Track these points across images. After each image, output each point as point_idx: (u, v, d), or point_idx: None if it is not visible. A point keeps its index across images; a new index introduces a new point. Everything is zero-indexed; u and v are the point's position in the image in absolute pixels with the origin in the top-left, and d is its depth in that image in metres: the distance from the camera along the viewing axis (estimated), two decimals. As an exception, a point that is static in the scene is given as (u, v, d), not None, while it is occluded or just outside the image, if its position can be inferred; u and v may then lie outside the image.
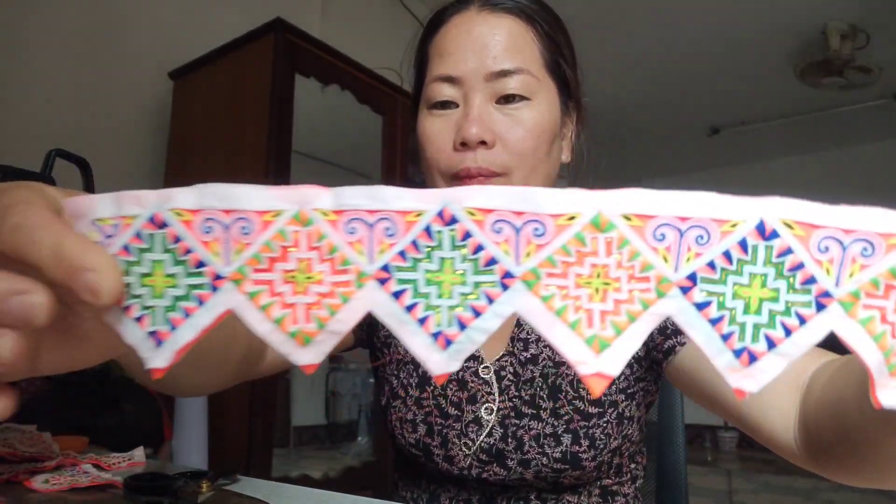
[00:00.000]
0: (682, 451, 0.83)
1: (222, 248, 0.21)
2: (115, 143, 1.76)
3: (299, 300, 0.21)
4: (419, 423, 0.63)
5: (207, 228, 0.21)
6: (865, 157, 5.25)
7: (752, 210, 0.20)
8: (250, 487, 0.59)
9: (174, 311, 0.22)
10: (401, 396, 0.65)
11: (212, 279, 0.21)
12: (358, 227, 0.21)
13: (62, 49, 1.67)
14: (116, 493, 0.58)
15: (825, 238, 0.20)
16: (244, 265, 0.21)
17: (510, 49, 0.56)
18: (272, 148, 1.45)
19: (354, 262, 0.21)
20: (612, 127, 4.79)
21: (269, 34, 1.52)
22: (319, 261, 0.21)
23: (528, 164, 0.56)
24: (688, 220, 0.20)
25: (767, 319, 0.21)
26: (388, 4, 2.86)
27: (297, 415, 1.92)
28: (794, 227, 0.20)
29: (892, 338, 0.20)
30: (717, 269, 0.20)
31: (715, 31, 3.38)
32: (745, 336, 0.21)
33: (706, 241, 0.20)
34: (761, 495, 3.72)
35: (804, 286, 0.20)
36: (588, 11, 3.21)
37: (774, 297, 0.20)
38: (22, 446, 0.71)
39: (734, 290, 0.20)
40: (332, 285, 0.21)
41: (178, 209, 0.21)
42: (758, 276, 0.20)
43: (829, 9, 3.16)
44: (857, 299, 0.20)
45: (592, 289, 0.21)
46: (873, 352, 0.21)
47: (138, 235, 0.22)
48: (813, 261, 0.20)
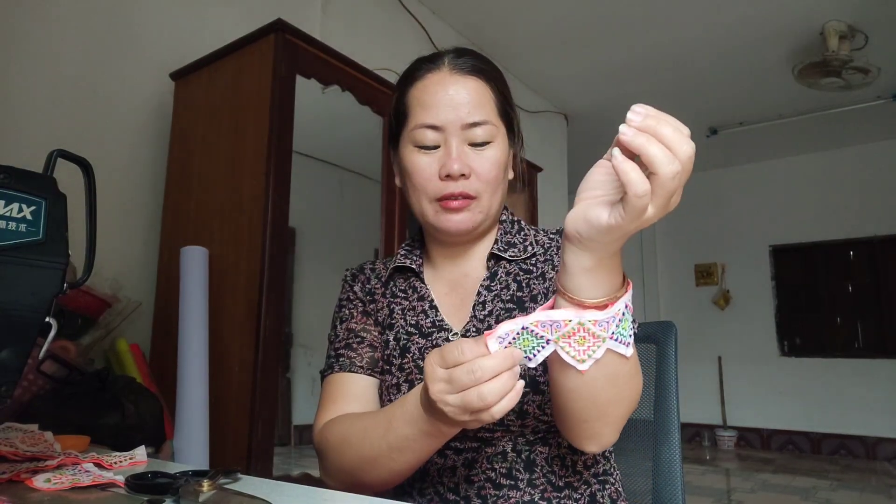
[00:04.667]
0: (677, 450, 0.83)
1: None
2: (116, 143, 1.77)
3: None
4: (402, 384, 0.76)
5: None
6: (863, 157, 5.25)
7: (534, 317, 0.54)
8: (251, 486, 0.60)
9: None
10: (388, 370, 0.78)
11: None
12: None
13: (64, 49, 1.67)
14: (118, 491, 0.58)
15: (542, 325, 0.54)
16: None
17: (477, 105, 0.75)
18: (273, 148, 1.45)
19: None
20: (611, 128, 4.77)
21: (269, 35, 1.52)
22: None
23: (492, 189, 0.77)
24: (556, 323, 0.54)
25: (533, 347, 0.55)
26: (389, 6, 2.87)
27: (298, 414, 1.92)
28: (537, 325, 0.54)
29: (572, 348, 0.54)
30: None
31: (713, 31, 3.38)
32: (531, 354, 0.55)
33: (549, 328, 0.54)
34: (759, 494, 3.73)
35: (540, 339, 0.55)
36: (588, 13, 3.21)
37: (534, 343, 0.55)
38: (24, 445, 0.72)
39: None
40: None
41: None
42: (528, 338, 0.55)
43: (827, 9, 3.16)
44: (558, 341, 0.54)
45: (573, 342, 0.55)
46: (569, 357, 0.55)
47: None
48: (542, 330, 0.54)
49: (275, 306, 1.40)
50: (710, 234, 5.88)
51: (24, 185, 0.52)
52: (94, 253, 0.59)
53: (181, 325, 1.40)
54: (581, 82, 4.00)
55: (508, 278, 0.79)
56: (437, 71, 0.77)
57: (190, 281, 1.44)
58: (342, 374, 0.79)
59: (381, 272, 0.87)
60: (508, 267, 0.80)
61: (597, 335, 0.53)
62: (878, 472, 4.37)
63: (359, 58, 1.75)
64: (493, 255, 0.80)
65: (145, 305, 1.66)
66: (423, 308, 0.80)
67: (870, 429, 4.95)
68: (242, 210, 1.48)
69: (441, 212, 0.75)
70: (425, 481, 0.75)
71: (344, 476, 0.70)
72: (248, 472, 0.64)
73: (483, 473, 0.71)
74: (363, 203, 2.00)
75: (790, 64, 3.64)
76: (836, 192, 5.32)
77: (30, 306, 0.52)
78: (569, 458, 0.73)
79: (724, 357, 5.66)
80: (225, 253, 1.49)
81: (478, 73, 0.77)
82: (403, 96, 0.79)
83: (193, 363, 1.36)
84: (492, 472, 0.71)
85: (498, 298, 0.78)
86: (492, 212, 0.78)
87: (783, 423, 5.34)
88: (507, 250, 0.81)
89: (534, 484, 0.70)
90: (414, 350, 0.77)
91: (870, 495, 3.69)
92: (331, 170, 1.96)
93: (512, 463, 0.71)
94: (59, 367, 1.14)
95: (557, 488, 0.71)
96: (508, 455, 0.71)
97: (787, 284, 5.53)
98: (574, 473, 0.73)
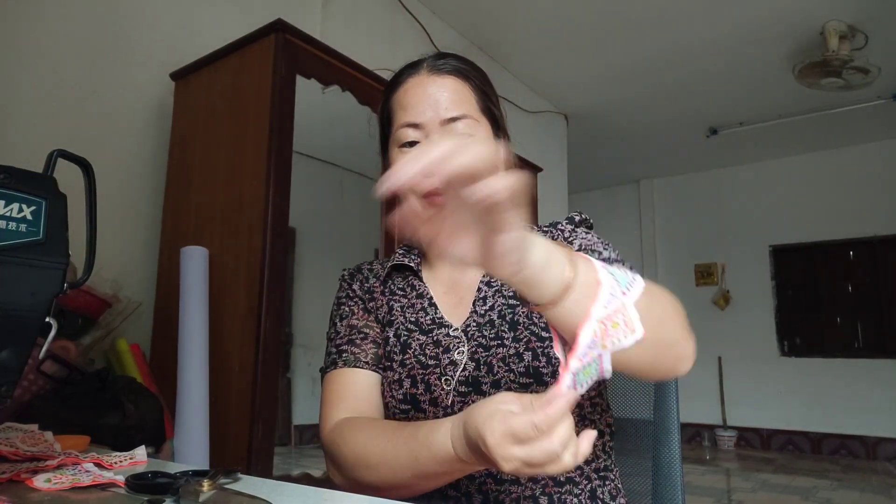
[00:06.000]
0: (677, 450, 0.83)
1: None
2: (116, 143, 1.77)
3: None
4: (404, 380, 0.76)
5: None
6: (863, 157, 5.25)
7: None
8: (251, 486, 0.60)
9: None
10: (389, 366, 0.79)
11: None
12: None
13: (64, 49, 1.67)
14: (118, 491, 0.58)
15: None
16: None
17: (455, 101, 0.77)
18: (273, 148, 1.45)
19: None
20: (611, 128, 4.79)
21: (269, 35, 1.52)
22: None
23: None
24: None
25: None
26: (389, 6, 2.87)
27: (298, 414, 1.92)
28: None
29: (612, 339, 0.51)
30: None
31: (713, 32, 3.38)
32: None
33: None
34: (759, 494, 3.73)
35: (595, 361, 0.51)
36: (588, 13, 3.21)
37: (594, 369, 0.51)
38: (24, 445, 0.72)
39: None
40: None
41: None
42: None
43: (827, 9, 3.16)
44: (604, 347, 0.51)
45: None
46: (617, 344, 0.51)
47: None
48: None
49: (275, 306, 1.40)
50: (710, 234, 5.88)
51: (24, 185, 0.52)
52: (94, 253, 0.59)
53: (181, 325, 1.40)
54: (581, 82, 4.00)
55: None
56: (416, 75, 0.80)
57: (190, 281, 1.44)
58: (346, 370, 0.78)
59: (378, 272, 0.87)
60: None
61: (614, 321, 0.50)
62: (879, 472, 4.37)
63: (359, 58, 1.75)
64: None
65: (145, 305, 1.66)
66: (423, 305, 0.80)
67: (870, 429, 4.94)
68: (242, 210, 1.48)
69: (427, 208, 0.75)
70: None
71: (360, 490, 0.68)
72: (248, 472, 0.64)
73: (484, 468, 0.71)
74: (363, 203, 2.00)
75: (790, 64, 3.64)
76: (836, 192, 5.31)
77: (30, 306, 0.52)
78: None
79: (724, 357, 5.66)
80: (225, 253, 1.49)
81: (456, 73, 0.80)
82: (387, 102, 0.83)
83: (193, 363, 1.36)
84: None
85: (499, 294, 0.78)
86: None
87: (783, 423, 5.34)
88: None
89: (535, 479, 0.71)
90: (415, 346, 0.78)
91: (870, 495, 3.69)
92: (331, 170, 1.96)
93: None
94: (59, 367, 1.14)
95: (559, 483, 0.71)
96: None
97: (787, 284, 5.53)
98: (576, 469, 0.73)
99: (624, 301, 0.50)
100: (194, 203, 1.63)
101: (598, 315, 0.49)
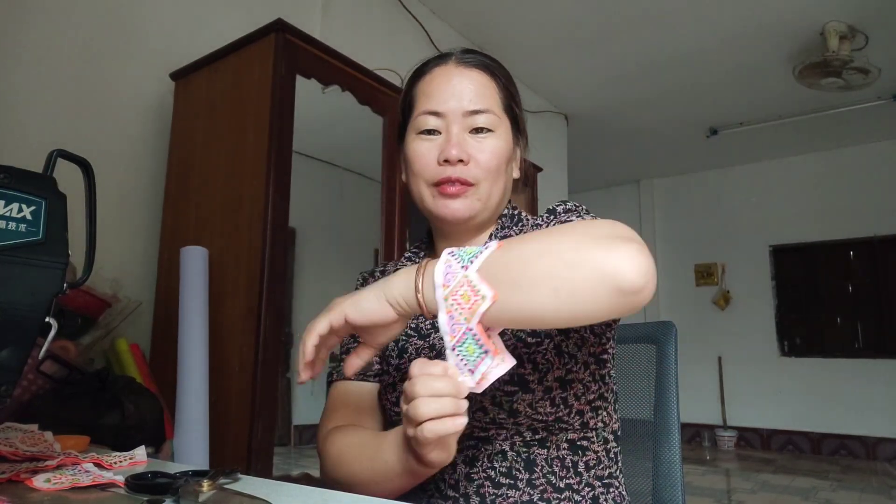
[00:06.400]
0: (677, 450, 0.83)
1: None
2: (116, 143, 1.77)
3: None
4: (398, 384, 0.77)
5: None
6: (863, 157, 5.25)
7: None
8: (251, 486, 0.59)
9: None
10: (386, 370, 0.80)
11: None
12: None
13: (64, 49, 1.67)
14: (118, 491, 0.58)
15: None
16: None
17: (479, 95, 0.77)
18: (273, 148, 1.45)
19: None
20: (611, 128, 4.79)
21: (269, 35, 1.52)
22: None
23: (491, 178, 0.77)
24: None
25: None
26: (389, 6, 2.87)
27: (298, 414, 1.92)
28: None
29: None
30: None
31: (713, 32, 3.38)
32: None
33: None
34: (759, 494, 3.73)
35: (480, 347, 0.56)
36: (589, 13, 3.21)
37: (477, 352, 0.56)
38: (24, 445, 0.72)
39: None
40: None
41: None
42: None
43: (827, 10, 3.16)
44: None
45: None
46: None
47: None
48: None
49: (275, 306, 1.40)
50: (710, 234, 5.88)
51: (24, 185, 0.52)
52: (94, 253, 0.59)
53: (181, 325, 1.40)
54: (581, 82, 4.00)
55: None
56: (443, 65, 0.80)
57: (190, 281, 1.44)
58: (345, 382, 0.81)
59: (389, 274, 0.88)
60: None
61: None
62: (879, 473, 4.37)
63: (359, 58, 1.75)
64: None
65: (145, 305, 1.66)
66: None
67: (870, 429, 4.94)
68: (242, 210, 1.48)
69: (438, 197, 0.76)
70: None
71: (339, 487, 0.72)
72: (248, 472, 0.64)
73: (483, 472, 0.71)
74: (363, 203, 2.00)
75: (790, 64, 3.64)
76: (836, 192, 5.31)
77: (30, 306, 0.52)
78: (569, 460, 0.72)
79: (724, 357, 5.66)
80: (225, 253, 1.49)
81: (483, 68, 0.79)
82: (411, 90, 0.82)
83: (193, 363, 1.36)
84: (491, 470, 0.71)
85: None
86: (491, 202, 0.77)
87: (783, 423, 5.34)
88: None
89: (533, 484, 0.70)
90: (411, 350, 0.78)
91: (870, 495, 3.68)
92: (331, 170, 1.96)
93: (512, 462, 0.71)
94: (59, 367, 1.14)
95: (558, 489, 0.71)
96: (508, 454, 0.71)
97: (787, 284, 5.53)
98: (575, 475, 0.72)
99: (466, 273, 0.54)
100: (194, 203, 1.63)
101: (441, 294, 0.55)
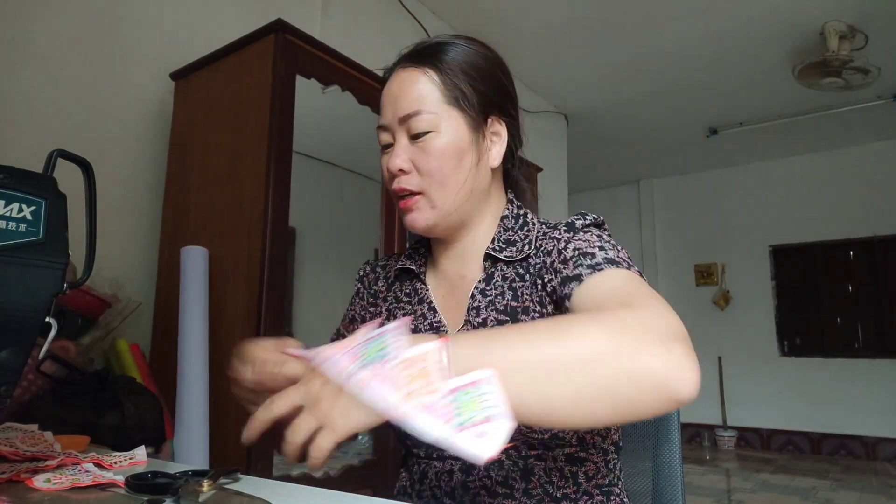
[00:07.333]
0: (677, 450, 0.83)
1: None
2: (116, 143, 1.77)
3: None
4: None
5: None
6: (863, 157, 5.25)
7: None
8: (251, 486, 0.60)
9: None
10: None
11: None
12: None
13: (64, 49, 1.67)
14: (118, 491, 0.58)
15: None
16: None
17: (409, 97, 0.72)
18: (273, 148, 1.45)
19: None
20: (611, 128, 4.79)
21: (269, 35, 1.52)
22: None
23: (437, 181, 0.72)
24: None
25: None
26: (389, 6, 2.87)
27: (297, 414, 1.92)
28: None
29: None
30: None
31: (713, 32, 3.38)
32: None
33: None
34: (759, 494, 3.73)
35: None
36: (588, 13, 3.21)
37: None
38: (24, 445, 0.72)
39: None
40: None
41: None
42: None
43: (827, 9, 3.16)
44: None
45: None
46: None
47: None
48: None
49: (274, 306, 1.40)
50: (710, 234, 5.88)
51: (24, 185, 0.52)
52: (94, 253, 0.59)
53: (181, 325, 1.40)
54: (581, 82, 4.00)
55: (504, 283, 0.74)
56: (392, 71, 0.77)
57: (190, 281, 1.44)
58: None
59: (389, 273, 0.87)
60: (505, 270, 0.75)
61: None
62: (879, 473, 4.37)
63: (359, 58, 1.75)
64: (489, 255, 0.75)
65: (145, 305, 1.67)
66: (423, 311, 0.79)
67: (870, 429, 4.95)
68: (242, 210, 1.48)
69: (400, 210, 0.75)
70: (423, 483, 0.75)
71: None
72: (248, 472, 0.64)
73: (479, 480, 0.71)
74: (363, 203, 2.00)
75: (790, 64, 3.64)
76: (836, 192, 5.31)
77: (30, 306, 0.52)
78: (567, 470, 0.71)
79: (724, 357, 5.66)
80: (225, 253, 1.49)
81: (417, 63, 0.73)
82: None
83: (193, 363, 1.36)
84: (487, 479, 0.70)
85: (493, 306, 0.73)
86: (447, 206, 0.72)
87: (783, 423, 5.34)
88: (503, 250, 0.75)
89: (530, 493, 0.69)
90: None
91: (870, 495, 3.68)
92: (331, 170, 1.96)
93: (508, 471, 0.70)
94: (59, 367, 1.14)
95: (555, 499, 0.70)
96: (505, 463, 0.70)
97: (787, 284, 5.53)
98: (574, 485, 0.71)
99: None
100: (194, 203, 1.63)
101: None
